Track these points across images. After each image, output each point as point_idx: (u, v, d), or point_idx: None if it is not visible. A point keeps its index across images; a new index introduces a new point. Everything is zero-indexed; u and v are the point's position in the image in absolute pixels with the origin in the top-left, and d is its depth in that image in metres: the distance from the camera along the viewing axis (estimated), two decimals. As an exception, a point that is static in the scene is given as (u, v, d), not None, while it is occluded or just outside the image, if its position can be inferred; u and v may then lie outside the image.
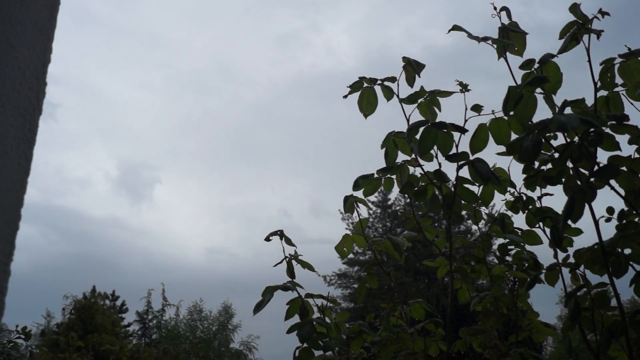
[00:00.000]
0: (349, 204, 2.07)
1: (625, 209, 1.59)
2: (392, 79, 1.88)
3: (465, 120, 1.74)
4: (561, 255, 1.78)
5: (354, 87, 1.92)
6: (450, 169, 1.78)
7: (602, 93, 1.71)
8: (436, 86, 1.83)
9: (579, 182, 1.46)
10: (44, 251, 41.53)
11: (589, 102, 1.69)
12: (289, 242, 1.93)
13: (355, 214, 2.11)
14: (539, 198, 1.92)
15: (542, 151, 1.60)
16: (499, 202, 2.97)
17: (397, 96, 1.88)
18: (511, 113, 1.65)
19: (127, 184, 45.61)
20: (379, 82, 1.90)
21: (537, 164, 1.68)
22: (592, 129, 1.40)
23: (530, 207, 1.94)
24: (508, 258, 2.09)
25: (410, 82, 1.85)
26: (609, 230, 1.61)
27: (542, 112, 2.02)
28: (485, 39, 1.73)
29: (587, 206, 1.46)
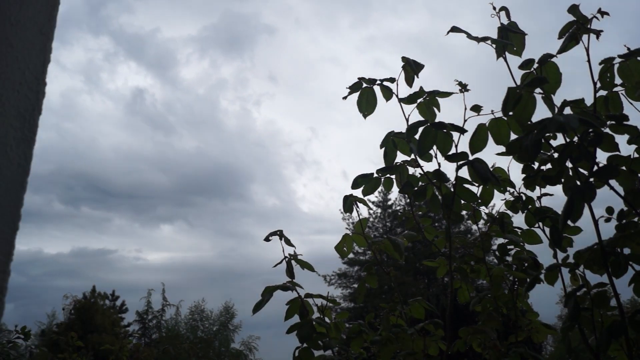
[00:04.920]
0: (349, 203, 2.07)
1: (625, 208, 1.59)
2: (392, 80, 1.88)
3: (465, 120, 1.74)
4: (561, 255, 1.78)
5: (353, 88, 1.92)
6: (449, 169, 1.78)
7: (602, 93, 1.71)
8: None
9: (578, 182, 1.47)
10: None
11: (588, 101, 1.69)
12: (288, 242, 1.93)
13: (355, 213, 2.11)
14: (539, 198, 1.92)
15: (542, 151, 1.60)
16: (499, 202, 2.97)
17: (397, 96, 1.88)
18: (510, 113, 1.65)
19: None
20: (378, 82, 1.90)
21: (536, 164, 1.68)
22: (591, 129, 1.40)
23: (530, 206, 1.94)
24: (508, 258, 2.09)
25: (409, 82, 1.85)
26: (608, 231, 1.61)
27: (542, 112, 2.02)
28: (484, 39, 1.74)
29: (586, 206, 1.46)
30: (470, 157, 1.69)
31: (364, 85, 1.92)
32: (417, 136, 1.70)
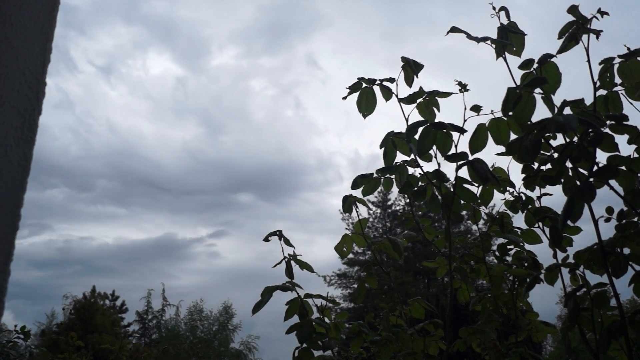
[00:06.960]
0: (348, 204, 2.07)
1: (625, 208, 1.59)
2: (391, 80, 1.88)
3: (465, 120, 1.75)
4: (560, 255, 1.79)
5: (352, 88, 1.92)
6: (449, 169, 1.78)
7: (602, 92, 1.71)
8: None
9: (578, 182, 1.47)
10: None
11: (588, 101, 1.69)
12: (287, 242, 1.93)
13: (354, 213, 2.11)
14: (538, 198, 1.92)
15: (541, 151, 1.60)
16: (498, 202, 2.96)
17: (397, 96, 1.88)
18: (510, 113, 1.65)
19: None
20: (377, 82, 1.90)
21: (536, 164, 1.68)
22: (591, 129, 1.40)
23: (530, 206, 1.94)
24: (507, 258, 2.09)
25: (409, 82, 1.85)
26: (608, 231, 1.61)
27: (542, 112, 2.03)
28: (484, 39, 1.74)
29: (586, 206, 1.46)
30: (470, 157, 1.69)
31: (364, 85, 1.92)
32: (416, 136, 1.70)
